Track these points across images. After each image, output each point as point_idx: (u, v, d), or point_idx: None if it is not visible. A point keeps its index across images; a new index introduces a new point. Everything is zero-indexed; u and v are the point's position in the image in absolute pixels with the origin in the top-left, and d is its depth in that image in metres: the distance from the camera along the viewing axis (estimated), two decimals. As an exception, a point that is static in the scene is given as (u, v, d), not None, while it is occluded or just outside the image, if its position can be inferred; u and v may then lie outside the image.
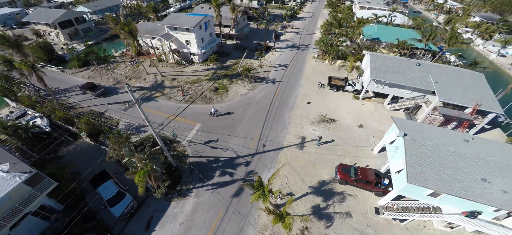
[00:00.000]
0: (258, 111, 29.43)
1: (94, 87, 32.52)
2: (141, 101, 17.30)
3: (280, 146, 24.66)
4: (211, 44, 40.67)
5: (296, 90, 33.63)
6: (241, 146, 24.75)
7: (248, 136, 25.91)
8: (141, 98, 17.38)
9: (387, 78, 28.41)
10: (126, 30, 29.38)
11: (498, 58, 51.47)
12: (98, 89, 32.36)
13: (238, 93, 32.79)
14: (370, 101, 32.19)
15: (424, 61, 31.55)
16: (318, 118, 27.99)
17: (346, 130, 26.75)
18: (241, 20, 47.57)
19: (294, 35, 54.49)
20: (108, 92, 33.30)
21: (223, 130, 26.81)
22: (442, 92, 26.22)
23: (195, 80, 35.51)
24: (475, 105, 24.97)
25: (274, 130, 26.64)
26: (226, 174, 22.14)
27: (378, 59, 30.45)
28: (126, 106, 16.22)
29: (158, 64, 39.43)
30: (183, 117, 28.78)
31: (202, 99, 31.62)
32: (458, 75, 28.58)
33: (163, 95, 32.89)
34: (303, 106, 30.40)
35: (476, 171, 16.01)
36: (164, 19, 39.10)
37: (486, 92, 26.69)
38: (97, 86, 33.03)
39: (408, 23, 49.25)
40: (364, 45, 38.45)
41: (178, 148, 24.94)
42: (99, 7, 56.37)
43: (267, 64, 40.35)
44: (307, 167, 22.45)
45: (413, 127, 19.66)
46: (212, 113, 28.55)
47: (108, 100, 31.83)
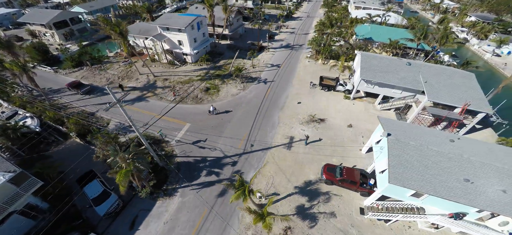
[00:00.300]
0: (248, 111, 29.26)
1: (80, 85, 33.17)
2: (122, 101, 17.22)
3: (268, 146, 24.49)
4: (204, 44, 40.53)
5: (287, 90, 33.43)
6: (229, 146, 24.60)
7: (237, 136, 25.75)
8: (122, 99, 17.27)
9: (376, 77, 28.16)
10: (116, 31, 29.29)
11: (493, 57, 51.03)
12: (83, 87, 32.88)
13: (229, 93, 32.64)
14: (361, 101, 31.95)
15: (414, 61, 31.26)
16: (307, 118, 27.79)
17: (335, 130, 26.53)
18: (235, 20, 47.41)
19: (289, 35, 54.26)
20: (95, 90, 33.69)
21: (212, 130, 26.67)
22: (431, 91, 25.95)
23: (187, 80, 35.39)
24: (464, 105, 24.70)
25: (262, 130, 26.46)
26: (212, 174, 22.01)
27: (368, 59, 30.20)
28: (107, 106, 16.11)
29: (151, 64, 39.36)
30: (173, 117, 28.76)
31: (193, 99, 31.50)
32: (448, 75, 28.28)
33: (154, 95, 32.80)
34: (293, 106, 30.19)
35: (459, 172, 15.78)
36: (156, 20, 39.00)
37: (476, 92, 26.39)
38: (83, 84, 33.59)
39: (402, 23, 48.91)
40: (356, 45, 38.17)
41: (166, 148, 24.84)
42: (95, 8, 56.36)
43: (260, 64, 40.17)
44: (294, 167, 22.27)
45: (399, 127, 19.43)
46: (210, 111, 28.60)
47: (95, 98, 31.80)
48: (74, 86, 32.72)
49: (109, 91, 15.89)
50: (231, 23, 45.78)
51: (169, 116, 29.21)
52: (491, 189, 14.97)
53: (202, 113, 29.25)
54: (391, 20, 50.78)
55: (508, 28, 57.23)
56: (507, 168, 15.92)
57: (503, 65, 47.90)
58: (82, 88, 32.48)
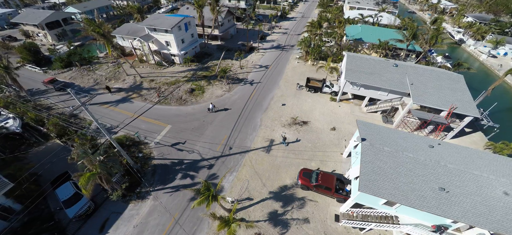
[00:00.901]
0: (231, 113, 28.57)
1: (54, 82, 33.99)
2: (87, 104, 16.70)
3: (247, 149, 23.76)
4: (192, 44, 39.92)
5: (273, 92, 32.62)
6: (207, 149, 23.96)
7: (216, 138, 25.09)
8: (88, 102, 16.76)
9: (361, 79, 27.20)
10: (97, 32, 28.83)
11: (489, 58, 49.42)
12: (57, 83, 33.70)
13: (214, 94, 31.96)
14: (348, 103, 30.99)
15: (402, 62, 30.18)
16: (290, 120, 26.99)
17: (317, 133, 25.67)
18: (225, 20, 46.69)
19: (281, 36, 53.34)
20: (68, 86, 34.14)
21: (193, 132, 26.06)
22: (417, 94, 24.93)
23: (174, 81, 34.85)
24: (450, 108, 23.65)
25: (243, 133, 25.75)
26: (187, 177, 21.40)
27: (354, 60, 29.23)
28: (71, 109, 15.58)
29: (139, 65, 38.91)
30: (154, 119, 28.25)
31: (177, 101, 30.91)
32: (436, 77, 27.20)
33: (139, 96, 32.30)
34: (277, 108, 29.40)
35: (435, 180, 14.87)
36: (144, 20, 38.52)
37: (464, 94, 25.30)
38: (57, 81, 34.36)
39: (394, 23, 47.62)
40: (345, 45, 37.13)
41: (145, 150, 24.31)
42: (89, 8, 56.10)
43: (248, 65, 39.41)
44: (271, 171, 21.51)
45: (376, 131, 18.53)
46: (210, 109, 28.32)
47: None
48: (50, 82, 33.61)
49: (73, 94, 15.34)
50: (222, 24, 45.07)
51: (152, 118, 28.77)
52: (468, 200, 14.05)
53: (184, 114, 28.66)
54: (384, 20, 49.43)
55: (505, 29, 55.40)
56: (485, 176, 14.96)
57: (499, 66, 46.33)
58: (55, 84, 33.41)
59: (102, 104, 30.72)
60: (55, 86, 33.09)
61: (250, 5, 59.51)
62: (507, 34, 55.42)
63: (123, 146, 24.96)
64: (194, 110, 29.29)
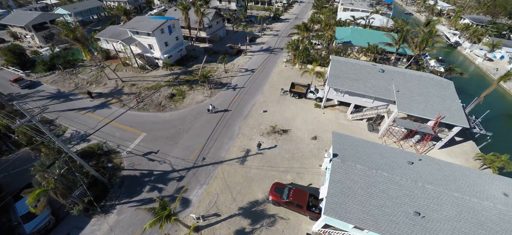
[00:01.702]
0: (209, 120, 27.12)
1: (20, 81, 33.57)
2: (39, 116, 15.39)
3: (221, 160, 22.31)
4: (177, 47, 38.50)
5: (255, 97, 31.09)
6: (179, 159, 22.56)
7: (191, 147, 23.68)
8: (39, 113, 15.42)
9: (345, 85, 25.56)
10: (70, 37, 27.53)
11: (485, 62, 47.27)
12: (23, 82, 33.44)
13: (194, 100, 30.53)
14: (333, 109, 29.36)
15: (390, 67, 28.42)
16: (269, 128, 25.46)
17: (296, 143, 24.12)
18: (214, 22, 45.21)
19: (272, 38, 51.64)
20: (35, 85, 33.92)
21: (167, 141, 24.67)
22: (402, 102, 23.24)
23: (155, 85, 33.49)
24: (437, 118, 21.95)
25: (219, 142, 24.29)
26: (155, 190, 20.04)
27: (338, 65, 27.58)
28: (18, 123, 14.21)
29: (122, 68, 37.63)
30: (129, 126, 26.93)
31: (155, 107, 29.53)
32: (424, 83, 25.45)
33: (119, 101, 30.99)
34: (258, 115, 27.87)
35: (410, 202, 13.30)
36: (127, 23, 37.23)
37: (453, 102, 23.54)
38: (23, 80, 34.05)
39: (387, 25, 45.72)
40: (333, 49, 35.44)
41: (115, 160, 22.99)
42: (79, 9, 54.99)
43: (234, 68, 37.88)
44: (243, 184, 20.04)
45: (352, 145, 16.97)
46: (209, 110, 27.56)
47: (60, 104, 30.17)
48: (16, 81, 33.33)
49: (19, 107, 14.07)
50: (209, 26, 43.60)
51: (127, 125, 27.46)
52: (445, 226, 12.47)
53: (161, 121, 27.27)
54: (376, 22, 47.53)
55: (502, 31, 53.11)
56: (467, 199, 13.35)
57: (495, 70, 44.21)
58: (21, 83, 33.08)
59: (79, 110, 29.56)
60: (20, 84, 32.81)
61: (242, 6, 57.91)
62: (504, 37, 53.16)
63: (93, 156, 23.78)
64: (172, 117, 27.91)
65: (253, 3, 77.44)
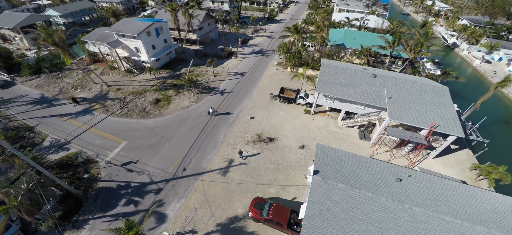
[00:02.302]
0: (193, 128, 25.77)
1: None
2: None
3: (202, 171, 20.98)
4: (166, 50, 37.10)
5: (243, 102, 29.70)
6: (159, 170, 21.24)
7: (172, 157, 22.35)
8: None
9: (334, 92, 24.13)
10: (49, 41, 26.18)
11: (482, 64, 45.65)
12: None
13: (180, 106, 29.15)
14: (323, 115, 27.95)
15: (382, 71, 26.99)
16: (255, 137, 24.09)
17: (283, 152, 22.75)
18: (205, 24, 43.75)
19: (265, 40, 50.11)
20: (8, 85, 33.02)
21: (148, 150, 23.35)
22: (394, 109, 21.82)
23: (141, 90, 32.14)
24: (431, 127, 20.53)
25: (202, 151, 22.95)
26: (131, 203, 18.74)
27: (328, 69, 26.15)
28: None
29: (109, 72, 36.29)
30: (111, 134, 25.60)
31: (139, 113, 28.20)
32: (417, 89, 24.00)
33: (103, 107, 29.65)
34: (244, 121, 26.50)
35: (395, 227, 11.93)
36: (113, 25, 35.84)
37: (447, 110, 22.10)
38: None
39: (382, 27, 44.14)
40: (325, 52, 33.94)
41: (93, 170, 21.71)
42: (70, 10, 53.60)
43: (223, 72, 36.45)
44: (223, 197, 18.73)
45: (337, 159, 15.59)
46: (210, 112, 26.74)
47: (43, 110, 28.89)
48: None
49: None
50: (200, 28, 42.16)
51: (108, 132, 26.13)
52: None
53: (144, 129, 25.93)
54: (371, 24, 45.93)
55: (501, 33, 51.38)
56: (458, 223, 11.97)
57: (493, 73, 42.62)
58: None
59: (61, 117, 28.29)
60: None
61: (235, 7, 56.34)
62: (503, 38, 51.45)
63: (71, 166, 22.52)
64: (155, 124, 26.57)
65: (249, 4, 75.76)
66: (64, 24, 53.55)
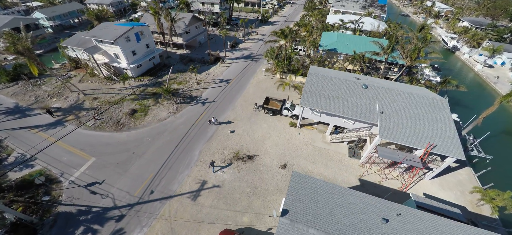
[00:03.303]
0: (168, 142, 23.30)
1: None
2: None
3: (171, 194, 18.57)
4: (148, 56, 34.58)
5: (225, 114, 27.12)
6: (124, 192, 18.86)
7: (140, 177, 19.95)
8: None
9: (320, 105, 21.43)
10: (11, 50, 23.83)
11: (485, 69, 42.45)
12: None
13: (157, 117, 26.66)
14: (311, 128, 25.28)
15: (375, 81, 24.14)
16: (233, 155, 21.55)
17: (262, 173, 20.18)
18: (193, 27, 41.12)
19: (256, 43, 47.28)
20: None
21: (116, 168, 20.96)
22: (386, 126, 19.11)
23: (119, 99, 29.73)
24: (427, 148, 17.82)
25: (173, 170, 20.50)
26: (88, 233, 16.40)
27: (315, 79, 23.41)
28: None
29: (89, 79, 33.92)
30: (79, 149, 23.23)
31: (113, 126, 25.79)
32: (413, 102, 21.22)
33: (76, 118, 27.27)
34: (223, 136, 23.95)
35: None
36: (91, 30, 33.41)
37: (447, 127, 19.32)
38: None
39: (378, 30, 41.08)
40: (315, 58, 31.14)
41: (54, 191, 19.42)
42: (57, 13, 51.29)
43: (208, 79, 33.86)
44: (190, 227, 16.28)
45: (314, 192, 12.99)
46: (211, 121, 24.90)
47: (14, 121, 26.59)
48: None
49: None
50: (186, 31, 39.56)
51: (77, 148, 23.75)
52: None
53: (115, 143, 23.53)
54: (366, 26, 42.83)
55: (503, 35, 47.91)
56: None
57: (495, 78, 39.45)
58: None
59: (32, 128, 26.03)
60: None
61: (226, 9, 53.50)
62: (505, 41, 48.00)
63: (31, 186, 20.28)
64: (128, 138, 24.15)
65: (243, 5, 72.67)
66: (51, 26, 51.35)
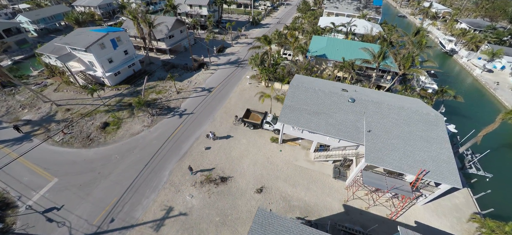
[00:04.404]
0: (137, 161, 20.89)
1: None
2: None
3: (132, 223, 16.26)
4: (127, 62, 31.98)
5: (202, 127, 24.66)
6: (83, 220, 16.60)
7: (103, 202, 17.67)
8: None
9: (300, 122, 18.90)
10: None
11: (484, 74, 39.59)
12: None
13: (130, 131, 24.22)
14: (294, 144, 22.77)
15: (364, 92, 21.54)
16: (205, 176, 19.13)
17: (235, 197, 17.79)
18: (177, 31, 38.47)
19: (244, 47, 44.40)
20: None
21: (79, 190, 18.70)
22: (373, 148, 16.59)
23: (93, 111, 27.29)
24: (419, 174, 15.34)
25: (139, 194, 18.17)
26: (33, 273, 14.24)
27: (297, 92, 20.82)
28: None
29: (65, 88, 31.47)
30: (43, 168, 20.89)
31: (81, 141, 23.39)
32: (404, 119, 18.66)
33: (46, 132, 24.89)
34: (198, 153, 21.50)
35: None
36: (64, 37, 30.88)
37: (441, 148, 16.79)
38: None
39: (371, 33, 38.18)
40: (302, 65, 28.46)
41: (9, 217, 17.19)
42: (42, 16, 48.70)
43: (190, 87, 31.31)
44: (146, 270, 14.06)
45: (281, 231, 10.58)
46: (208, 136, 22.88)
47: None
48: None
49: None
50: (170, 36, 36.93)
51: (40, 166, 21.43)
52: None
53: (81, 161, 21.14)
54: (359, 29, 39.89)
55: (503, 38, 44.82)
56: None
57: (495, 84, 36.62)
58: None
59: (-4, 143, 23.72)
60: None
61: (215, 11, 50.58)
62: (505, 44, 44.95)
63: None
64: (96, 155, 21.76)
65: (235, 6, 69.65)
66: (35, 30, 48.81)
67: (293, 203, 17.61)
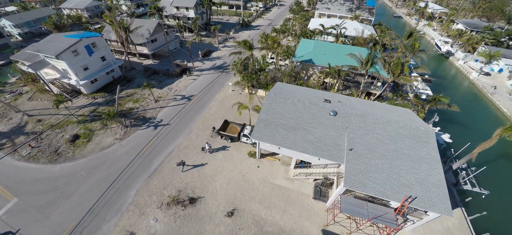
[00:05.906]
0: (103, 179, 19.01)
1: None
2: None
3: (87, 255, 14.50)
4: (104, 69, 29.95)
5: (177, 140, 22.70)
6: (34, 250, 14.87)
7: (61, 226, 15.94)
8: None
9: (275, 139, 16.90)
10: None
11: (481, 77, 37.25)
12: None
13: (100, 145, 22.29)
14: (273, 160, 20.73)
15: (349, 103, 19.45)
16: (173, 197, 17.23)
17: (202, 222, 15.89)
18: (160, 35, 36.34)
19: (232, 51, 42.23)
20: None
21: (37, 213, 16.94)
22: (354, 171, 14.60)
23: (64, 121, 25.36)
24: (404, 202, 13.35)
25: (100, 217, 16.33)
26: None
27: (274, 103, 18.78)
28: None
29: (39, 97, 29.56)
30: (3, 186, 19.00)
31: (48, 156, 21.51)
32: (391, 135, 16.62)
33: (11, 145, 23.04)
34: (169, 170, 19.57)
35: None
36: (36, 43, 28.89)
37: (431, 169, 14.78)
38: None
39: (363, 36, 35.85)
40: (285, 72, 26.32)
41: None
42: (26, 19, 46.68)
43: (169, 95, 29.27)
44: None
45: None
46: (204, 149, 21.03)
47: None
48: None
49: None
50: (152, 40, 34.83)
51: (1, 185, 19.54)
52: None
53: (45, 179, 19.32)
54: (350, 32, 37.56)
55: (500, 39, 42.30)
56: None
57: (492, 88, 34.33)
58: None
59: (-41, 158, 21.92)
60: None
61: (203, 13, 48.26)
62: (503, 45, 42.47)
63: None
64: (62, 172, 19.89)
65: (227, 7, 67.09)
66: (19, 34, 46.82)
67: (266, 229, 15.70)
